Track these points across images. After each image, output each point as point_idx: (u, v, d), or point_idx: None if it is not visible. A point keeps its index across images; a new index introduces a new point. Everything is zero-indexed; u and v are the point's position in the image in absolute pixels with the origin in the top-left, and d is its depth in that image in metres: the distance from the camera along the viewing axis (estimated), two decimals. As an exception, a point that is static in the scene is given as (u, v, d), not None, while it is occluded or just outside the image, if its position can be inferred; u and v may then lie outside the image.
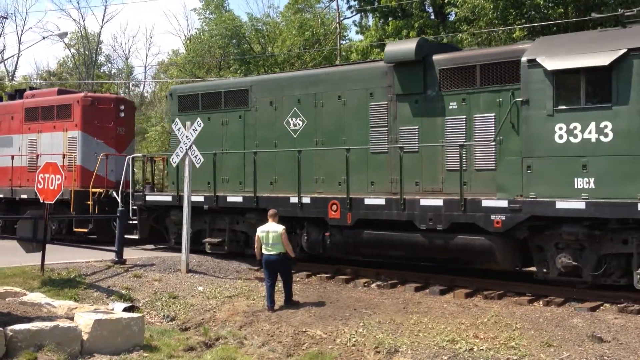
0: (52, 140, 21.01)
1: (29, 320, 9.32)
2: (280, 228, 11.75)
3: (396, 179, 13.33)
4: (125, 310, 11.04)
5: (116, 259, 14.79)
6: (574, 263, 11.30)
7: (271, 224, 11.88)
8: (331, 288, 13.22)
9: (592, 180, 10.89)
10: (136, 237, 17.22)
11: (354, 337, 9.82)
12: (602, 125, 10.82)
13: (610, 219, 10.87)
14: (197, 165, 14.87)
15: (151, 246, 18.06)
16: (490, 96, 12.63)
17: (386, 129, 13.97)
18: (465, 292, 12.24)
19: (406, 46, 13.68)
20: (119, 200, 17.65)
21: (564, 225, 11.28)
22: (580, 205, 10.87)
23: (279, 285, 11.95)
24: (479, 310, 10.98)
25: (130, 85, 59.16)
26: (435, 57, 13.35)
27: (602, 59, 10.77)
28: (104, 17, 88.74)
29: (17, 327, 8.75)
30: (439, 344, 9.25)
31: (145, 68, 62.92)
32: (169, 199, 16.79)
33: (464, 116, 12.99)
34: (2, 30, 73.07)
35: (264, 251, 11.77)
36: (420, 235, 12.72)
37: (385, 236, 13.24)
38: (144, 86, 59.85)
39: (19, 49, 57.45)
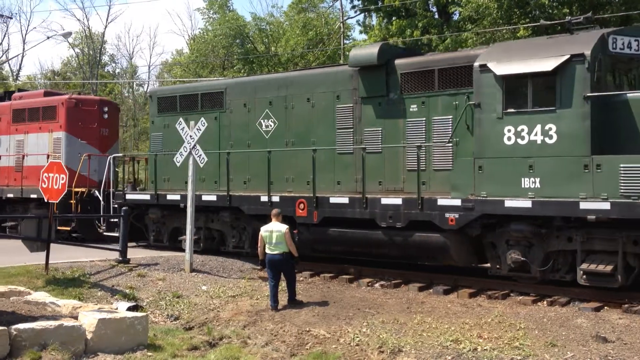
0: (37, 141, 21.42)
1: (33, 319, 9.33)
2: (284, 227, 11.76)
3: (361, 178, 13.78)
4: (129, 309, 11.05)
5: (120, 259, 14.81)
6: (522, 259, 11.79)
7: (275, 224, 11.88)
8: (335, 287, 13.23)
9: (537, 180, 11.40)
10: (117, 234, 17.38)
11: (357, 337, 9.82)
12: (547, 127, 11.34)
13: (555, 217, 11.38)
14: (201, 165, 14.91)
15: (133, 244, 18.01)
16: (447, 99, 13.11)
17: (351, 130, 14.43)
18: (469, 292, 12.24)
19: (369, 51, 14.13)
20: (100, 198, 18.03)
21: (513, 223, 11.80)
22: (527, 203, 11.40)
23: (283, 284, 11.96)
24: (482, 310, 10.97)
25: (134, 85, 59.25)
26: (397, 62, 13.81)
27: (547, 65, 11.28)
28: (108, 16, 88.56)
29: (21, 326, 8.76)
30: (442, 343, 9.24)
31: (149, 68, 62.94)
32: (148, 197, 17.24)
33: (424, 118, 13.46)
34: (7, 30, 73.24)
35: (267, 251, 11.77)
36: (381, 232, 13.27)
37: (349, 233, 13.74)
38: (147, 86, 59.92)
39: (24, 48, 57.64)
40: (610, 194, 10.65)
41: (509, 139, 11.69)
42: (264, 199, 14.89)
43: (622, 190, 10.58)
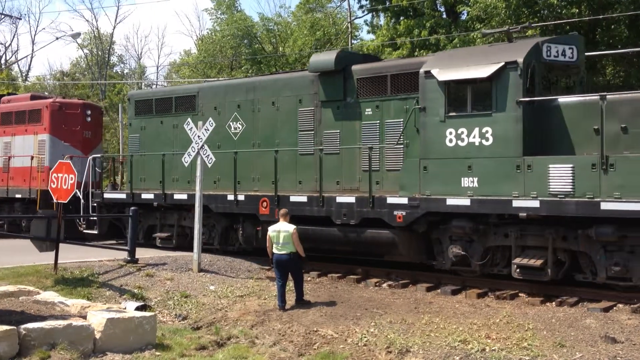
0: (24, 142, 22.34)
1: (43, 318, 9.37)
2: (291, 228, 11.76)
3: (320, 177, 14.59)
4: (137, 309, 11.08)
5: (129, 258, 14.86)
6: (462, 253, 12.56)
7: (282, 224, 11.89)
8: (342, 287, 13.22)
9: (475, 179, 12.24)
10: (96, 232, 18.40)
11: (365, 337, 9.81)
12: (484, 130, 12.16)
13: (491, 214, 12.19)
14: (209, 165, 14.95)
15: (113, 241, 18.90)
16: (399, 103, 13.93)
17: (312, 132, 15.32)
18: (477, 292, 12.21)
19: (327, 57, 15.08)
20: (81, 198, 18.80)
21: (454, 220, 12.62)
22: (466, 202, 12.24)
23: (290, 284, 11.96)
24: (491, 311, 10.95)
25: (143, 86, 59.39)
26: (354, 68, 14.66)
27: (483, 71, 12.09)
28: (116, 17, 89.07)
29: (30, 325, 8.79)
30: (450, 344, 9.22)
31: (157, 68, 63.18)
32: (124, 196, 18.13)
33: (377, 121, 14.31)
34: (16, 31, 73.55)
35: (274, 250, 11.78)
36: (337, 229, 14.09)
37: (308, 230, 14.18)
38: (156, 86, 60.09)
39: (33, 49, 57.90)
40: (540, 193, 11.47)
41: (451, 140, 12.50)
42: (231, 197, 15.74)
43: (550, 189, 11.37)
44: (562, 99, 12.10)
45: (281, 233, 11.72)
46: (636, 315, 10.37)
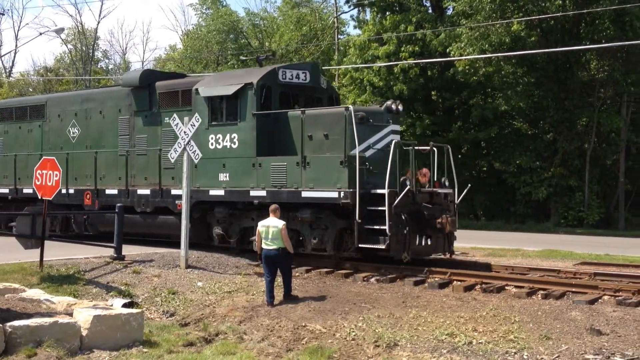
0: None
1: (28, 316, 9.32)
2: (281, 223, 11.74)
3: (134, 174, 17.87)
4: (124, 306, 11.03)
5: (115, 255, 14.77)
6: (222, 233, 15.91)
7: (272, 219, 11.87)
8: (330, 282, 13.24)
9: (228, 174, 15.57)
10: None
11: (353, 332, 9.84)
12: (232, 136, 15.47)
13: (238, 202, 15.49)
14: (196, 161, 14.90)
15: None
16: (186, 114, 15.96)
17: (128, 136, 18.20)
18: (464, 286, 12.27)
19: (134, 75, 18.36)
20: None
21: (216, 207, 15.94)
22: (221, 192, 15.68)
23: (279, 280, 11.96)
24: (477, 304, 11.01)
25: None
26: (157, 84, 17.58)
27: (230, 90, 15.43)
28: (100, 12, 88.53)
29: (16, 323, 8.74)
30: (438, 337, 9.27)
31: (142, 64, 62.74)
32: None
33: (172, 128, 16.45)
34: (-1, 26, 72.55)
35: (263, 246, 11.76)
36: (139, 216, 17.44)
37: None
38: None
39: (16, 45, 57.45)
40: (267, 185, 14.86)
41: (212, 144, 15.76)
42: (64, 191, 18.77)
43: (272, 182, 14.76)
44: (290, 112, 15.05)
45: (270, 228, 11.70)
46: (621, 308, 10.48)
